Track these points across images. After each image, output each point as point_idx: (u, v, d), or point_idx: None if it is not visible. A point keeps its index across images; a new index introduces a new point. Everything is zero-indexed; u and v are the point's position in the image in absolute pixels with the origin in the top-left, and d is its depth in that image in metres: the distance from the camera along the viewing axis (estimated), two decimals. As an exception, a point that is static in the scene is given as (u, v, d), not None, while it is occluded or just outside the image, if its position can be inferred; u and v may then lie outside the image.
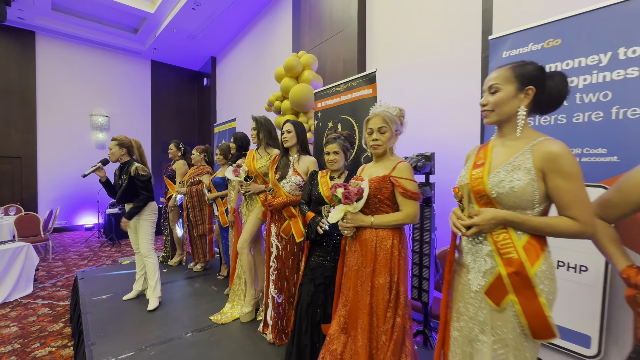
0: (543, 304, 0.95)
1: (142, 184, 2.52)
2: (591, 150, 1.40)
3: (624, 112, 1.32)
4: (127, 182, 2.49)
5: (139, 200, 2.53)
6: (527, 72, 1.04)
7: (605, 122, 1.36)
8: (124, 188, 2.51)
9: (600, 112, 1.38)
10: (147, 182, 2.56)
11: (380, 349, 1.33)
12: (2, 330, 2.94)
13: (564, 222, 0.96)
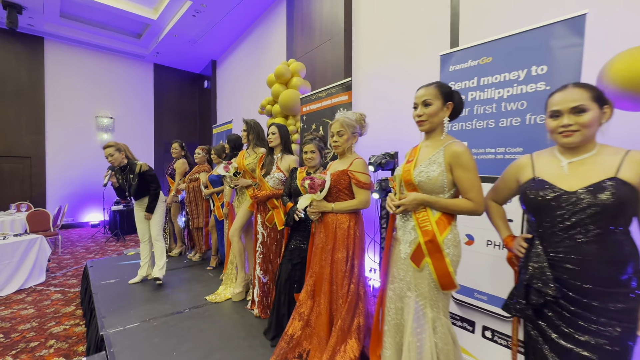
0: (448, 264, 1.27)
1: (151, 178, 2.87)
2: (512, 149, 1.70)
3: (534, 118, 1.63)
4: (137, 180, 2.82)
5: (152, 195, 2.87)
6: (447, 91, 1.36)
7: (522, 126, 1.66)
8: (137, 185, 2.83)
9: (519, 118, 1.68)
10: (154, 176, 2.90)
11: (337, 309, 1.65)
12: (20, 312, 3.28)
13: (463, 202, 1.28)
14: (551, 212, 1.06)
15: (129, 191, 2.87)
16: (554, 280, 1.03)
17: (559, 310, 1.05)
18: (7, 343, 2.67)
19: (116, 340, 2.04)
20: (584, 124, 1.03)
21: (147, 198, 2.93)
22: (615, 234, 0.98)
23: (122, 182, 2.90)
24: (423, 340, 1.30)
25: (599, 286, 0.98)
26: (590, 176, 1.02)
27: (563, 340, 1.03)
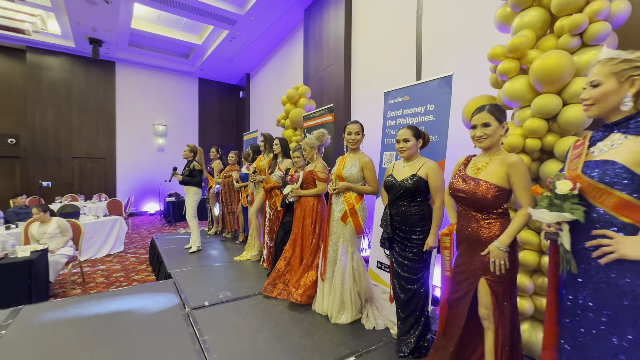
0: (360, 220, 2.32)
1: (195, 172, 4.18)
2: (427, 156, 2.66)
3: (431, 137, 2.58)
4: (188, 172, 4.16)
5: (190, 179, 4.17)
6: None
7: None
8: (187, 175, 4.17)
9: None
10: (199, 172, 4.20)
11: (305, 254, 2.74)
12: (112, 267, 4.76)
13: (368, 188, 2.32)
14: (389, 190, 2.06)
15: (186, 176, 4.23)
16: (391, 226, 2.03)
17: (397, 240, 2.04)
18: (109, 282, 4.10)
19: (177, 275, 3.31)
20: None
21: (189, 187, 4.23)
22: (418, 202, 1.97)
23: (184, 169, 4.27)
24: (346, 265, 2.36)
25: (410, 227, 1.97)
26: (408, 172, 2.01)
27: (397, 254, 2.03)
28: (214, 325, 2.25)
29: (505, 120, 1.50)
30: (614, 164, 1.01)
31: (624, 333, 0.97)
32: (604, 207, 1.02)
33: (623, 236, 0.99)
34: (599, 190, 1.03)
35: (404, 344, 1.99)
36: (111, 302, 2.63)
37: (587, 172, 1.07)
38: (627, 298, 0.97)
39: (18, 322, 2.26)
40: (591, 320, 1.04)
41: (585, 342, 1.05)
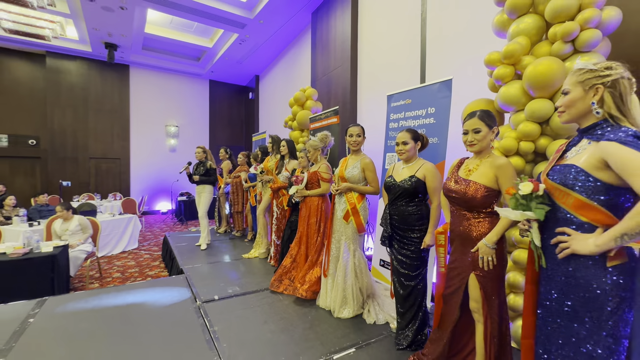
0: (361, 219, 2.42)
1: (212, 171, 4.36)
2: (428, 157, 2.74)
3: (430, 139, 2.66)
4: (204, 171, 4.34)
5: (205, 176, 4.35)
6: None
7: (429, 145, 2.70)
8: (203, 174, 4.35)
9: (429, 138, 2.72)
10: (214, 171, 4.39)
11: (310, 251, 2.86)
12: (127, 263, 4.98)
13: (369, 188, 2.42)
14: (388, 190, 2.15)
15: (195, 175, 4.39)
16: (390, 225, 2.13)
17: (397, 238, 2.14)
18: (124, 277, 4.30)
19: (189, 270, 3.47)
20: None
21: (206, 186, 4.41)
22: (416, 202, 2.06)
23: (197, 169, 4.44)
24: (348, 262, 2.47)
25: (409, 226, 2.06)
26: (407, 173, 2.10)
27: (397, 252, 2.13)
28: (223, 317, 2.39)
29: (495, 126, 1.59)
30: (574, 168, 1.10)
31: (582, 321, 1.07)
32: (565, 207, 1.12)
33: (577, 233, 1.09)
34: (560, 192, 1.13)
35: (402, 337, 2.09)
36: (127, 295, 2.80)
37: (552, 175, 1.17)
38: (582, 290, 1.07)
39: (44, 311, 2.45)
40: (556, 310, 1.14)
41: (553, 330, 1.15)
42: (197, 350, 1.95)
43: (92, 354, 1.89)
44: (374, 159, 2.53)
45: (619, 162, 1.00)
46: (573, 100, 1.15)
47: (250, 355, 1.92)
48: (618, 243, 0.99)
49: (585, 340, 1.07)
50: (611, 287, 1.03)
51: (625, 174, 0.99)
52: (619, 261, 1.04)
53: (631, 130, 1.04)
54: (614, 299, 1.03)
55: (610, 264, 1.04)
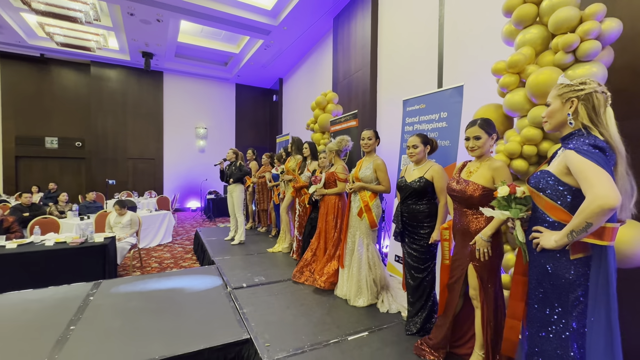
0: (374, 216, 2.64)
1: (246, 171, 4.69)
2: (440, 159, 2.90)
3: (442, 142, 2.81)
4: (237, 170, 4.65)
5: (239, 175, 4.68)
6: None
7: (440, 148, 2.85)
8: (236, 173, 4.67)
9: (441, 141, 2.87)
10: (245, 170, 4.72)
11: (327, 246, 3.11)
12: (162, 255, 5.46)
13: (380, 187, 2.63)
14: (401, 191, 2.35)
15: (229, 176, 4.72)
16: (402, 221, 2.33)
17: (407, 234, 2.33)
18: (162, 267, 4.75)
19: (219, 262, 3.82)
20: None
21: (238, 185, 4.75)
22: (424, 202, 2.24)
23: (228, 170, 4.78)
24: (362, 254, 2.70)
25: (418, 223, 2.25)
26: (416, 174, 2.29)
27: (408, 246, 2.32)
28: (251, 302, 2.69)
29: (494, 133, 1.75)
30: (547, 174, 1.27)
31: (553, 306, 1.23)
32: (541, 208, 1.29)
33: (547, 230, 1.25)
34: (536, 195, 1.31)
35: (411, 324, 2.28)
36: (168, 281, 3.18)
37: (531, 180, 1.34)
38: (553, 278, 1.24)
39: (100, 291, 2.86)
40: (534, 296, 1.31)
41: (533, 315, 1.32)
42: (229, 327, 2.25)
43: (143, 326, 2.25)
44: (391, 161, 2.74)
45: (573, 168, 1.16)
46: (553, 111, 1.32)
47: (275, 334, 2.20)
48: (570, 239, 1.15)
49: (555, 323, 1.23)
50: (574, 277, 1.19)
51: (577, 178, 1.15)
52: (582, 254, 1.19)
53: (590, 139, 1.18)
54: (577, 288, 1.19)
55: (574, 256, 1.20)
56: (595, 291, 1.14)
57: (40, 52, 8.85)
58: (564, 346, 1.20)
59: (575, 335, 1.18)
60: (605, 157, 1.13)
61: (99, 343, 2.02)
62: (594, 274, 1.15)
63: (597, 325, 1.12)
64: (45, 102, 9.29)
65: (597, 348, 1.12)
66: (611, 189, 1.06)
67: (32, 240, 3.60)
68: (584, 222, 1.09)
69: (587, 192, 1.10)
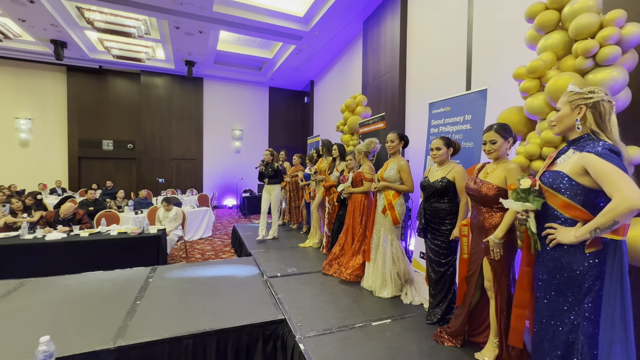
0: (396, 213, 2.83)
1: (279, 172, 5.03)
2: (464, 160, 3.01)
3: (466, 144, 2.92)
4: (274, 172, 4.97)
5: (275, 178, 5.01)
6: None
7: (464, 149, 2.95)
8: (273, 174, 4.99)
9: (465, 143, 2.98)
10: (280, 171, 5.04)
11: (354, 240, 3.33)
12: (204, 247, 5.98)
13: (403, 187, 2.82)
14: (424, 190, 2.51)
15: (267, 176, 5.05)
16: (425, 219, 2.49)
17: (430, 230, 2.49)
18: (204, 258, 5.24)
19: (255, 254, 4.18)
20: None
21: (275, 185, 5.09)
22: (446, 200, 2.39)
23: (265, 170, 5.12)
24: (386, 249, 2.90)
25: (440, 220, 2.41)
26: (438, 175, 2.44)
27: (430, 242, 2.48)
28: (285, 289, 2.98)
29: (510, 137, 1.88)
30: (560, 174, 1.39)
31: (565, 296, 1.36)
32: (554, 206, 1.41)
33: (562, 227, 1.37)
34: (550, 193, 1.42)
35: (432, 314, 2.45)
36: (212, 268, 3.58)
37: (544, 179, 1.46)
38: (566, 271, 1.36)
39: (157, 275, 3.31)
40: (545, 288, 1.44)
41: (543, 304, 1.45)
42: (267, 309, 2.55)
43: (195, 304, 2.62)
44: (417, 161, 2.89)
45: (595, 171, 1.28)
46: (562, 116, 1.45)
47: (306, 316, 2.47)
48: (592, 235, 1.28)
49: (568, 312, 1.37)
50: (587, 268, 1.32)
51: (600, 180, 1.27)
52: (595, 248, 1.32)
53: (607, 144, 1.31)
54: (590, 278, 1.32)
55: (588, 250, 1.32)
56: (610, 282, 1.26)
57: (99, 64, 9.90)
58: (576, 332, 1.32)
59: (588, 322, 1.30)
60: (621, 161, 1.26)
61: (160, 315, 2.41)
62: (609, 266, 1.27)
63: (612, 313, 1.23)
64: (102, 109, 10.37)
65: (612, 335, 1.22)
66: (637, 191, 1.17)
67: (100, 230, 4.20)
68: (612, 221, 1.20)
69: (614, 194, 1.20)
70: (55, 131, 10.02)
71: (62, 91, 10.01)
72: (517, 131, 2.44)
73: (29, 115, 9.71)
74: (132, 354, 1.98)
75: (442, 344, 2.13)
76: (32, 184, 9.27)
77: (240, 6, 6.84)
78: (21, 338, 2.04)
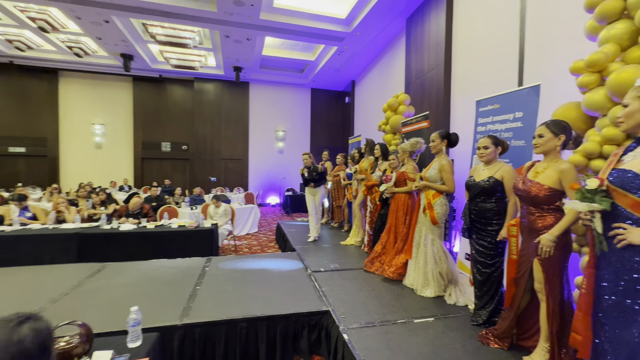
0: (435, 213, 2.82)
1: (322, 175, 5.20)
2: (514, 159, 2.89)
3: (517, 143, 2.80)
4: (319, 175, 5.11)
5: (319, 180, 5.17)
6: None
7: (515, 148, 2.84)
8: (318, 177, 5.14)
9: (515, 141, 2.86)
10: (324, 173, 5.19)
11: (397, 240, 3.36)
12: (251, 242, 6.35)
13: (444, 186, 2.80)
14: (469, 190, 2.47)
15: (310, 180, 5.23)
16: (470, 219, 2.46)
17: (475, 230, 2.46)
18: (251, 252, 5.58)
19: (299, 249, 4.37)
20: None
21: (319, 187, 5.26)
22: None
23: (309, 175, 5.29)
24: (428, 248, 2.90)
25: (487, 220, 2.36)
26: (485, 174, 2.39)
27: (475, 242, 2.45)
28: (328, 283, 3.12)
29: (561, 134, 1.81)
30: (629, 172, 1.32)
31: (635, 297, 1.30)
32: (623, 206, 1.35)
33: (633, 227, 1.31)
34: (618, 193, 1.35)
35: (477, 316, 2.41)
36: (259, 261, 3.83)
37: (610, 178, 1.39)
38: (635, 272, 1.30)
39: (212, 264, 3.64)
40: (611, 289, 1.38)
41: (608, 306, 1.40)
42: (311, 300, 2.71)
43: (246, 291, 2.86)
44: (463, 161, 2.85)
45: None
46: (631, 112, 1.37)
47: (349, 309, 2.57)
48: None
49: (637, 312, 1.31)
50: None
51: None
52: None
53: None
54: None
55: None
56: None
57: (159, 74, 10.92)
58: None
59: None
60: None
61: (217, 300, 2.67)
62: None
63: None
64: (161, 114, 11.42)
65: None
66: None
67: (163, 223, 4.70)
68: None
69: None
70: (123, 135, 11.25)
71: (128, 99, 11.21)
72: (575, 128, 2.31)
73: (102, 121, 11.03)
74: (195, 331, 2.24)
75: (487, 345, 2.11)
76: (104, 181, 10.52)
77: (284, 12, 7.13)
78: (110, 309, 2.41)
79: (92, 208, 5.23)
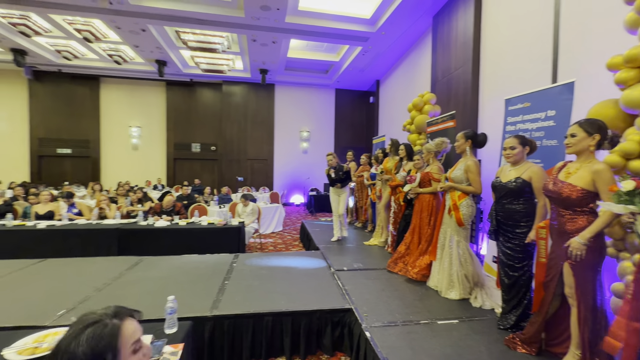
0: (460, 215, 2.78)
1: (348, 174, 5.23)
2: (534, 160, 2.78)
3: (548, 142, 2.69)
4: (345, 174, 5.14)
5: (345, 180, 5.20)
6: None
7: (541, 147, 2.69)
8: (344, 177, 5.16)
9: (539, 142, 2.75)
10: (349, 172, 5.20)
11: (421, 241, 3.33)
12: (276, 240, 6.50)
13: (470, 187, 2.75)
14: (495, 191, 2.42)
15: (337, 181, 5.24)
16: (496, 221, 2.40)
17: (502, 232, 2.40)
18: (276, 249, 5.72)
19: (323, 248, 4.44)
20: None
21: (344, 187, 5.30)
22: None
23: (335, 175, 5.31)
24: (453, 251, 2.86)
25: (514, 222, 2.30)
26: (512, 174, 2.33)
27: (502, 245, 2.39)
28: (351, 282, 3.16)
29: (595, 134, 1.74)
30: None
31: None
32: None
33: None
34: None
35: (504, 320, 2.35)
36: (284, 259, 3.94)
37: None
38: None
39: (239, 260, 3.79)
40: None
41: None
42: (335, 297, 2.76)
43: (272, 287, 2.96)
44: (491, 161, 2.78)
45: None
46: None
47: (372, 308, 2.60)
48: None
49: None
50: None
51: None
52: None
53: None
54: None
55: None
56: None
57: (190, 78, 11.42)
58: None
59: None
60: None
61: (244, 294, 2.80)
62: None
63: None
64: (191, 116, 11.93)
65: None
66: None
67: (194, 220, 4.94)
68: None
69: None
70: (157, 137, 11.88)
71: (162, 102, 11.82)
72: (613, 127, 2.19)
73: (138, 124, 11.71)
74: (224, 323, 2.37)
75: (514, 349, 2.06)
76: (140, 180, 11.16)
77: (309, 15, 7.23)
78: (148, 298, 2.60)
79: (130, 205, 5.60)
